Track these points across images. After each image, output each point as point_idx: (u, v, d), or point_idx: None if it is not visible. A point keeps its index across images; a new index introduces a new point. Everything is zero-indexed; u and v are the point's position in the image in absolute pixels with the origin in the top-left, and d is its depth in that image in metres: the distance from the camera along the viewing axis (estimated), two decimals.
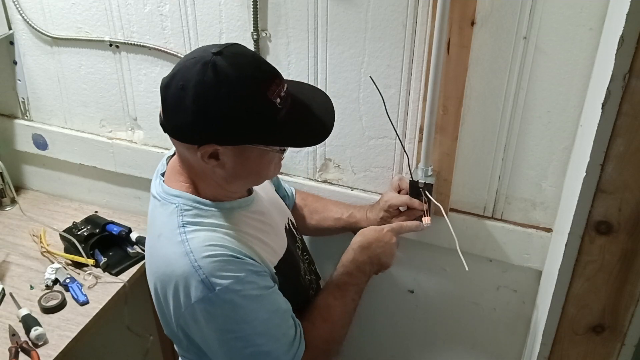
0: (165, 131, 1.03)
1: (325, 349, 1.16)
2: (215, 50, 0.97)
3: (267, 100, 0.98)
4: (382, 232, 1.27)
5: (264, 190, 1.24)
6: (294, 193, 1.45)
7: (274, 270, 1.10)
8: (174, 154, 1.14)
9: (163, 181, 1.12)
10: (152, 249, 1.09)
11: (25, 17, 1.61)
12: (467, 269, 1.22)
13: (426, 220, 1.32)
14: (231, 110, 0.96)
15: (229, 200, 1.10)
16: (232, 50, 0.99)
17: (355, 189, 1.50)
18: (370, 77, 1.23)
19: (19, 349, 1.36)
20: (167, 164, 1.16)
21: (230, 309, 1.00)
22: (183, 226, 1.03)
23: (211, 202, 1.07)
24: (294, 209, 1.44)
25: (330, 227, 1.40)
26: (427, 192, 1.32)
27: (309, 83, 1.29)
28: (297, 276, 1.21)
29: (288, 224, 1.27)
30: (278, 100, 0.99)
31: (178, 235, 1.02)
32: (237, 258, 1.01)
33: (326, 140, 1.07)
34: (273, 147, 1.03)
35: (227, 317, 1.01)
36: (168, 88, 0.99)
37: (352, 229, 1.38)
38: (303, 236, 1.36)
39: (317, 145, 1.46)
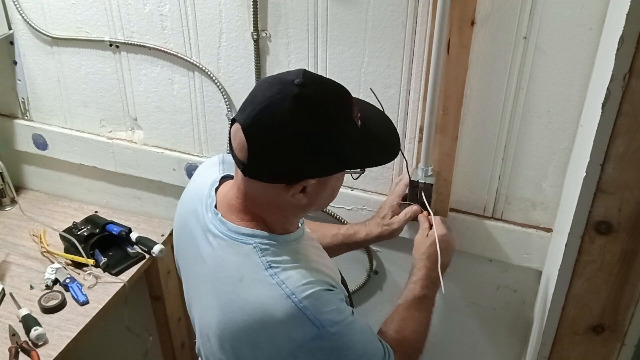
0: (247, 174, 0.97)
1: (415, 358, 1.19)
2: (298, 82, 0.92)
3: (353, 122, 0.96)
4: (444, 240, 1.26)
5: None
6: None
7: (346, 293, 1.10)
8: (219, 185, 1.10)
9: (221, 216, 1.04)
10: (233, 294, 1.00)
11: (25, 17, 1.61)
12: (443, 291, 1.22)
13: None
14: (329, 141, 0.93)
15: (293, 231, 1.06)
16: (310, 77, 0.95)
17: (355, 189, 1.50)
18: (370, 89, 1.22)
19: (19, 349, 1.36)
20: (216, 195, 1.09)
21: (337, 340, 0.99)
22: (270, 267, 0.98)
23: (280, 235, 1.03)
24: None
25: (328, 244, 1.36)
26: (423, 197, 1.32)
27: None
28: (350, 297, 1.20)
29: None
30: (359, 122, 0.97)
31: (270, 278, 0.97)
32: (329, 290, 1.00)
33: None
34: (355, 170, 1.01)
35: (334, 348, 0.99)
36: (254, 128, 0.93)
37: (351, 242, 1.38)
38: None
39: None
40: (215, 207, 1.06)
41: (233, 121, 0.97)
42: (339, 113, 0.95)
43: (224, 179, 1.12)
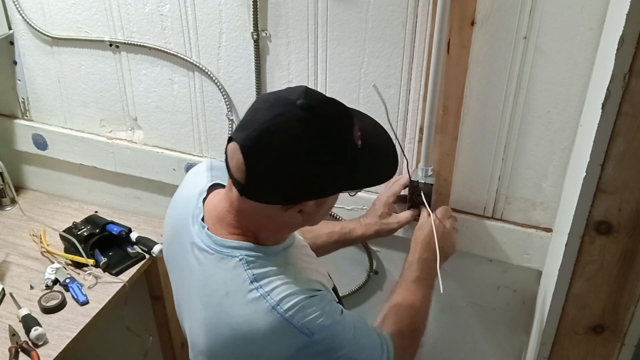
0: (243, 194, 0.95)
1: (414, 339, 1.17)
2: (301, 103, 0.90)
3: (354, 144, 0.95)
4: (438, 224, 1.27)
5: None
6: None
7: (336, 299, 1.10)
8: (207, 195, 1.08)
9: (208, 229, 1.03)
10: (219, 309, 0.99)
11: (25, 17, 1.61)
12: (442, 291, 1.21)
13: None
14: (332, 164, 0.92)
15: (282, 242, 1.05)
16: (312, 98, 0.92)
17: None
18: (374, 85, 1.22)
19: (19, 349, 1.36)
20: (203, 206, 1.07)
21: (329, 343, 0.98)
22: (255, 280, 0.97)
23: (269, 247, 1.02)
24: None
25: (324, 243, 1.36)
26: (423, 197, 1.31)
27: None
28: (341, 301, 1.20)
29: None
30: (360, 142, 0.96)
31: (255, 291, 0.96)
32: (314, 295, 0.99)
33: None
34: (353, 190, 1.01)
35: (328, 351, 0.99)
36: (255, 150, 0.90)
37: (347, 240, 1.37)
38: None
39: None
40: (203, 219, 1.05)
41: (230, 139, 0.95)
42: (343, 135, 0.94)
43: (213, 187, 1.10)
